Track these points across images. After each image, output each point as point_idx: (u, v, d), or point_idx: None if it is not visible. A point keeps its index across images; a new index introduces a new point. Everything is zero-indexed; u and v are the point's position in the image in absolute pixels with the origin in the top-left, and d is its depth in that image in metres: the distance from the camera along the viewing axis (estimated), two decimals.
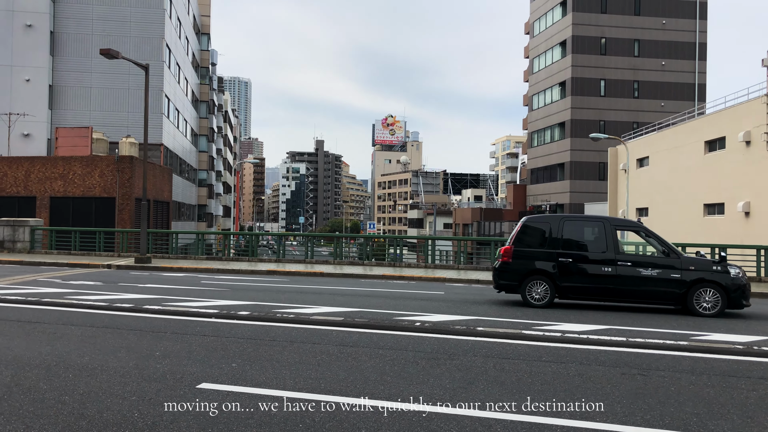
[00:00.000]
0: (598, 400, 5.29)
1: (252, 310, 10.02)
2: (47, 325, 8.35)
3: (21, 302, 10.29)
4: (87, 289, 12.64)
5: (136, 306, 10.03)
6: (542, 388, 5.63)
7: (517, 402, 5.18)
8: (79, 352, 6.77)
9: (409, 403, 5.13)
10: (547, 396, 5.39)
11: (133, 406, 4.88)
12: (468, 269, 19.66)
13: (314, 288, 14.08)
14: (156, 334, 7.89)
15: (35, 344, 7.14)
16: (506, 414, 4.86)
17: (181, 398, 5.13)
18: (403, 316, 9.71)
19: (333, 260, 21.30)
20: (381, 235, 23.03)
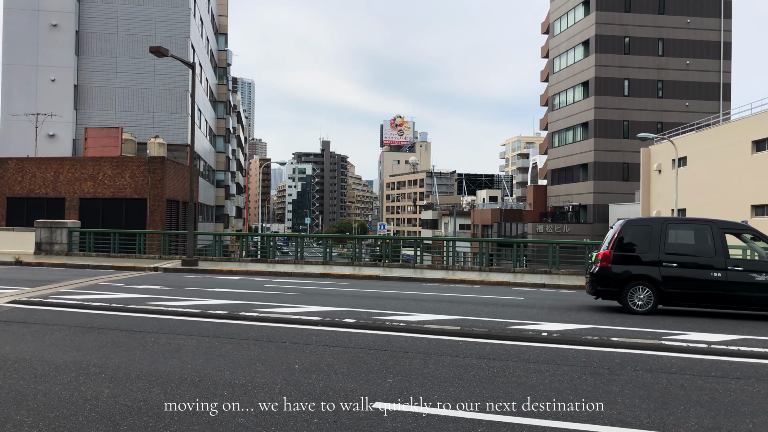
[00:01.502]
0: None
1: (346, 316, 9.54)
2: (154, 334, 7.88)
3: (107, 309, 9.82)
4: (157, 293, 12.16)
5: (231, 313, 9.55)
6: (754, 410, 5.14)
7: (747, 427, 4.69)
8: (213, 366, 6.30)
9: (619, 427, 4.65)
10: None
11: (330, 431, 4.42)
12: (524, 272, 19.16)
13: (387, 293, 13.60)
14: (276, 344, 7.42)
15: (160, 357, 6.66)
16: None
17: (372, 422, 4.66)
18: (516, 324, 9.21)
19: (382, 263, 20.81)
20: (436, 237, 22.54)
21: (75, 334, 7.80)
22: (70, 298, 11.05)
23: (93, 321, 8.74)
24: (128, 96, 37.22)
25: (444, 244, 20.74)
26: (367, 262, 20.96)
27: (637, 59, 50.82)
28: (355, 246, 22.46)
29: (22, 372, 5.96)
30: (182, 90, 37.64)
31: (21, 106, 35.08)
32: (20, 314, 9.20)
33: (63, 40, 35.89)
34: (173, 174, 31.72)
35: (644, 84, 50.89)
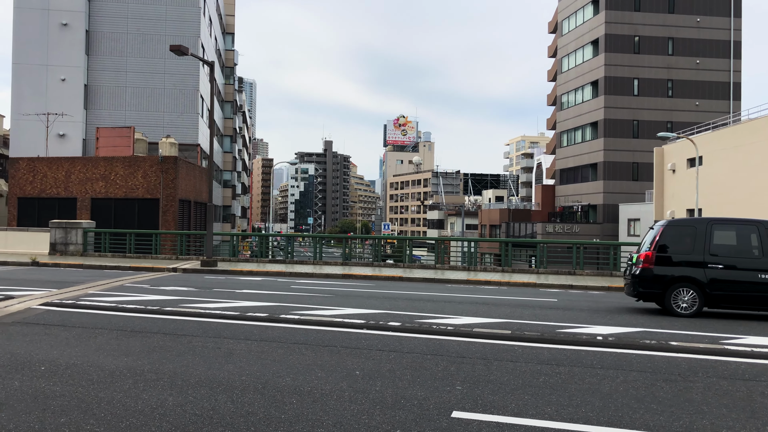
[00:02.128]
0: None
1: (388, 319, 9.33)
2: (200, 338, 7.67)
3: (143, 311, 9.61)
4: (188, 295, 11.95)
5: (271, 316, 9.34)
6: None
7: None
8: (271, 372, 6.09)
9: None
10: None
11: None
12: (548, 273, 18.94)
13: (418, 294, 13.38)
14: (327, 348, 7.21)
15: (214, 362, 6.45)
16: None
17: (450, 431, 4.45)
18: (564, 328, 9.00)
19: (403, 264, 20.60)
20: (457, 238, 22.27)
21: (119, 338, 7.59)
22: (101, 300, 10.85)
23: (133, 324, 8.54)
24: (138, 96, 37.03)
25: (466, 244, 20.52)
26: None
27: (647, 58, 50.55)
28: (374, 246, 22.25)
29: (77, 378, 5.75)
30: (192, 90, 37.45)
31: (31, 105, 34.91)
32: (56, 317, 9.00)
33: (73, 40, 35.70)
34: (185, 174, 31.52)
35: (654, 83, 50.63)
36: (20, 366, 6.17)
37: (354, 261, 21.61)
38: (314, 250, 21.53)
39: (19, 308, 9.63)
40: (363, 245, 38.08)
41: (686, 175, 33.33)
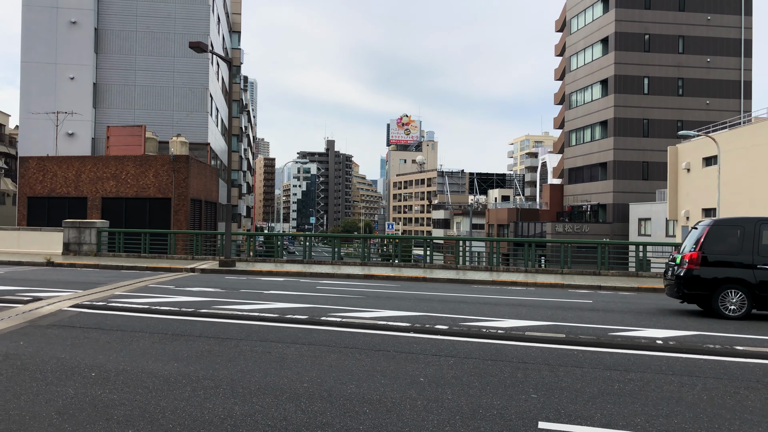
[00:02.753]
0: None
1: (433, 322, 9.04)
2: (246, 342, 7.39)
3: (177, 313, 9.33)
4: (216, 296, 11.67)
5: (312, 318, 9.06)
6: None
7: None
8: (332, 378, 5.81)
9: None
10: None
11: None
12: (572, 273, 18.66)
13: (451, 296, 13.09)
14: (382, 353, 6.93)
15: (270, 368, 6.17)
16: None
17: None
18: (616, 331, 8.72)
19: (423, 264, 20.31)
20: (480, 238, 21.95)
21: (162, 342, 7.31)
22: (131, 302, 10.57)
23: (171, 327, 8.26)
24: (147, 94, 36.74)
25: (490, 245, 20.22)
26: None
27: (657, 57, 50.21)
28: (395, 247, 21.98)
29: (132, 385, 5.48)
30: (202, 88, 37.16)
31: (40, 104, 34.63)
32: (90, 319, 8.72)
33: (82, 38, 35.42)
34: (196, 173, 31.25)
35: (664, 82, 50.30)
36: (69, 372, 5.89)
37: (373, 261, 21.32)
38: (332, 250, 21.24)
39: (50, 310, 9.35)
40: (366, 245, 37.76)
41: (702, 174, 33.01)
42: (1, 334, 7.62)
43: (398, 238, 21.76)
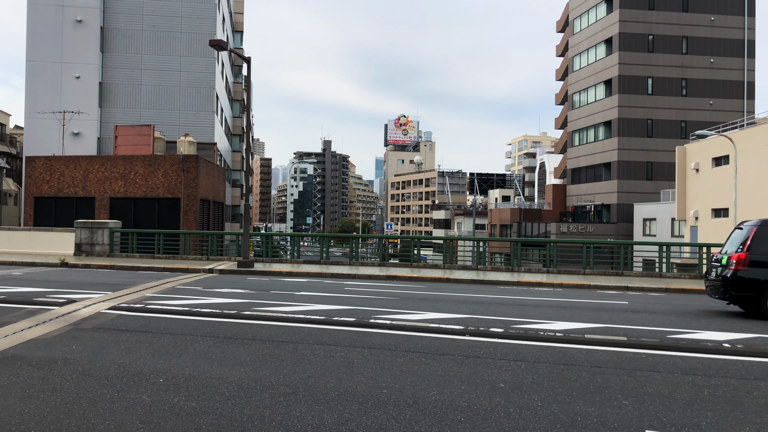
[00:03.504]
0: None
1: (484, 325, 8.87)
2: (303, 345, 7.19)
3: (220, 315, 9.13)
4: (249, 298, 11.45)
5: (360, 320, 8.87)
6: None
7: None
8: (410, 384, 5.62)
9: None
10: None
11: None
12: (594, 274, 18.51)
13: (485, 297, 12.92)
14: (447, 356, 6.75)
15: (341, 372, 5.98)
16: None
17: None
18: (672, 333, 8.56)
19: (443, 265, 20.13)
20: (503, 239, 21.67)
21: (218, 346, 7.11)
22: (167, 303, 10.35)
23: (220, 330, 8.05)
24: (153, 94, 36.46)
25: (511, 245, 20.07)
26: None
27: (661, 57, 50.24)
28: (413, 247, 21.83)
29: (206, 392, 5.28)
30: (208, 88, 36.90)
31: (45, 103, 34.32)
32: (134, 322, 8.50)
33: (88, 37, 35.12)
34: (205, 173, 31.01)
35: (668, 82, 50.33)
36: (136, 378, 5.69)
37: (391, 262, 21.13)
38: (350, 251, 21.06)
39: (89, 312, 9.13)
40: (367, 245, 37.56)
41: (712, 174, 32.96)
42: (49, 337, 7.40)
43: (416, 238, 21.57)
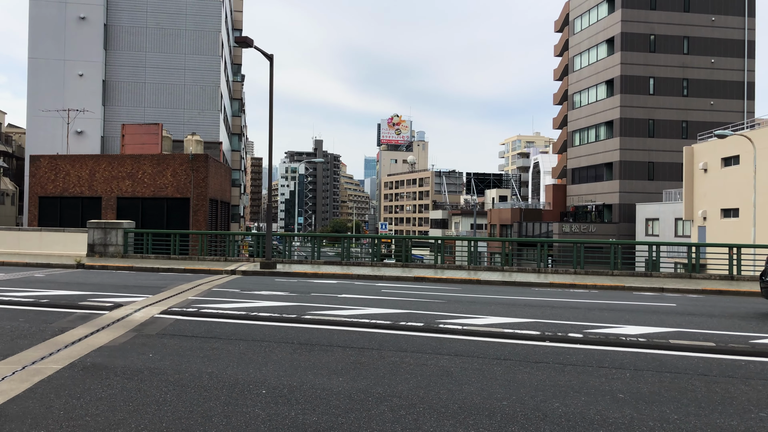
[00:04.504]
0: None
1: (552, 329, 8.64)
2: (388, 352, 6.92)
3: (280, 320, 8.81)
4: (292, 300, 11.14)
5: (428, 325, 8.61)
6: None
7: None
8: (528, 395, 5.38)
9: None
10: None
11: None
12: (623, 275, 18.36)
13: (536, 300, 12.69)
14: (544, 365, 6.51)
15: (448, 382, 5.71)
16: None
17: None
18: (756, 339, 8.37)
19: (468, 266, 19.90)
20: (534, 239, 21.39)
21: (299, 353, 6.81)
22: (218, 307, 10.01)
23: (290, 335, 7.75)
24: (157, 92, 35.95)
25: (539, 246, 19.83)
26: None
27: (663, 57, 50.38)
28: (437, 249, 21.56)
29: (319, 404, 4.99)
30: (213, 86, 36.44)
31: (48, 102, 33.72)
32: (196, 328, 8.17)
33: (91, 34, 34.54)
34: (214, 173, 30.59)
35: (669, 82, 50.48)
36: (237, 389, 5.39)
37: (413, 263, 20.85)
38: (372, 252, 20.77)
39: (143, 317, 8.79)
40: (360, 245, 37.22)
41: (720, 175, 33.02)
42: (117, 344, 7.07)
43: (444, 238, 21.30)
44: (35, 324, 8.24)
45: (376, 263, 20.51)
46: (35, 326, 8.07)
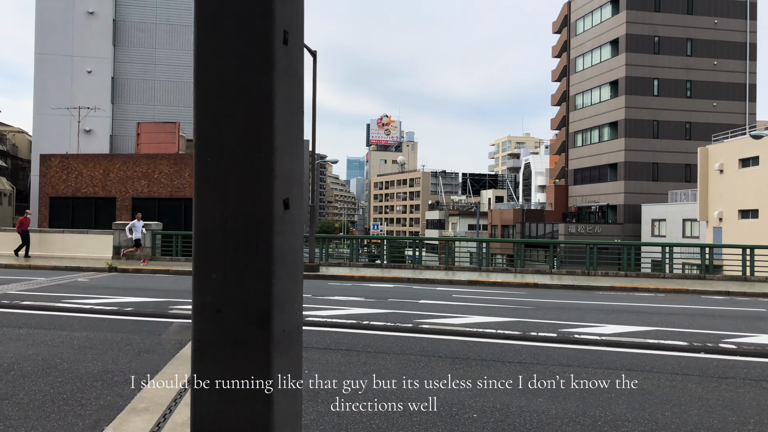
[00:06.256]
0: None
1: (687, 339, 8.27)
2: (540, 366, 6.47)
3: (394, 329, 8.33)
4: (378, 307, 10.66)
5: (561, 336, 8.17)
6: None
7: None
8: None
9: None
10: None
11: None
12: (675, 278, 18.12)
13: (641, 307, 12.34)
14: (732, 380, 6.10)
15: (674, 406, 5.28)
16: None
17: None
18: None
19: (515, 268, 19.52)
20: (577, 241, 21.07)
21: (462, 367, 6.34)
22: (315, 315, 9.48)
23: (434, 348, 7.27)
24: (168, 89, 35.11)
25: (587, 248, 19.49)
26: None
27: (667, 59, 50.55)
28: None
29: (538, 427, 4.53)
30: None
31: (55, 99, 32.72)
32: (321, 339, 7.64)
33: (100, 29, 33.61)
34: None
35: (673, 84, 50.68)
36: (445, 413, 4.90)
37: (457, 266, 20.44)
38: (413, 254, 20.35)
39: None
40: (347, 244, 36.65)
41: (738, 175, 33.10)
42: None
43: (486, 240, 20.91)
44: (142, 335, 7.67)
45: (417, 266, 20.06)
46: (146, 338, 7.50)
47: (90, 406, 4.86)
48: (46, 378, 5.62)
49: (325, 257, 21.39)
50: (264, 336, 1.01)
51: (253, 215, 1.02)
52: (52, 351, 6.68)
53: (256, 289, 1.01)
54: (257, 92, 1.03)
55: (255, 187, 1.02)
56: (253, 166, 1.02)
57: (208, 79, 1.05)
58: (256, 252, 1.01)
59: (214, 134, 1.05)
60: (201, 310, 1.03)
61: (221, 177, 1.03)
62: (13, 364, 6.06)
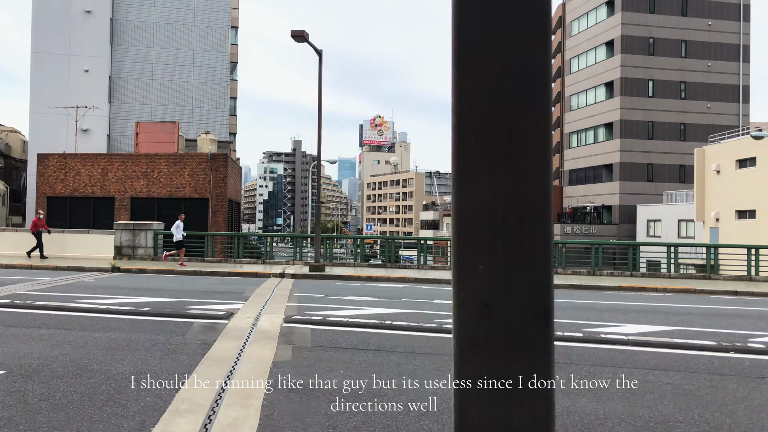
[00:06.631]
0: None
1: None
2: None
3: (418, 329, 8.26)
4: (393, 307, 10.59)
5: (586, 336, 8.13)
6: None
7: None
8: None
9: None
10: None
11: None
12: (681, 278, 18.16)
13: (663, 306, 12.34)
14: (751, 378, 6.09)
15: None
16: None
17: None
18: None
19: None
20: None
21: None
22: (334, 314, 9.40)
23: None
24: (165, 89, 34.88)
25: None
26: None
27: (661, 60, 50.81)
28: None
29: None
30: (222, 83, 35.54)
31: (52, 98, 32.41)
32: (342, 339, 7.58)
33: (97, 28, 33.34)
34: (231, 173, 29.73)
35: (668, 85, 50.94)
36: None
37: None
38: (418, 255, 20.26)
39: (272, 327, 8.15)
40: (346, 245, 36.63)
41: (735, 176, 33.30)
42: (287, 361, 6.44)
43: None
44: (166, 335, 7.56)
45: (422, 266, 19.99)
46: (171, 338, 7.39)
47: (131, 407, 4.76)
48: (78, 379, 5.51)
49: (329, 257, 21.29)
50: (545, 333, 0.94)
51: (527, 197, 0.95)
52: (78, 352, 6.57)
53: (532, 280, 0.94)
54: (533, 68, 0.96)
55: (530, 167, 0.94)
56: (527, 145, 0.95)
57: (473, 54, 0.98)
58: (532, 239, 0.94)
59: (479, 112, 0.97)
60: (465, 305, 0.96)
61: (487, 158, 0.96)
62: (42, 365, 5.95)
